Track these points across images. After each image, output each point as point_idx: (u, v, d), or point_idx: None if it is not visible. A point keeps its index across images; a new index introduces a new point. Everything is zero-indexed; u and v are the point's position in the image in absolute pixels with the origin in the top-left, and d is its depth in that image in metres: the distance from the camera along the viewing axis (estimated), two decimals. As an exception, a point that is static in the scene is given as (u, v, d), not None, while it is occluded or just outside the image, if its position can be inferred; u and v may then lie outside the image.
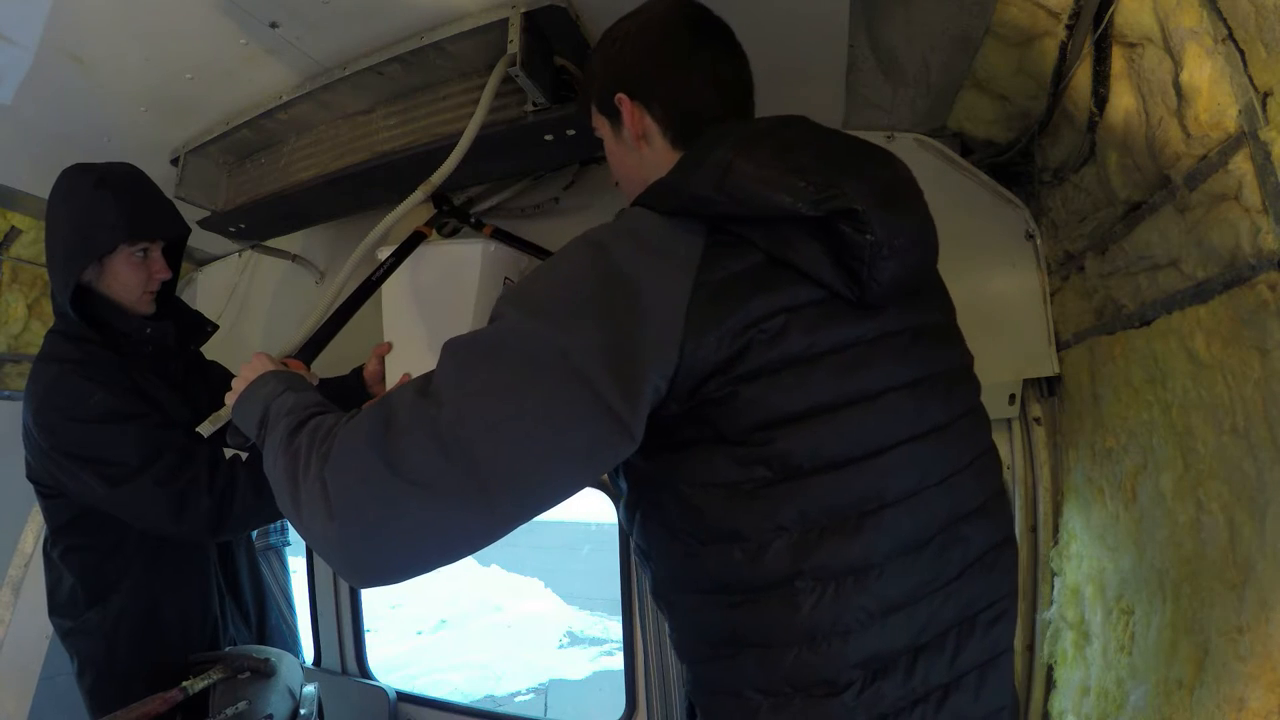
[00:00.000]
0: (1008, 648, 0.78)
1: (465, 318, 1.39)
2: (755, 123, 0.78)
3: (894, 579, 0.69)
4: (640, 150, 0.83)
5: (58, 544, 1.26)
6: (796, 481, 0.66)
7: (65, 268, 1.20)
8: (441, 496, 0.60)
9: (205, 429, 1.05)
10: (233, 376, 1.50)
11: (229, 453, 1.28)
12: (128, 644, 1.24)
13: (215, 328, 1.45)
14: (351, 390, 1.49)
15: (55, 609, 1.28)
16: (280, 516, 1.41)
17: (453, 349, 0.67)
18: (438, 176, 1.10)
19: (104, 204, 1.20)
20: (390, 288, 1.42)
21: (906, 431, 0.72)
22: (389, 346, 1.44)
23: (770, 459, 0.66)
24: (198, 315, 1.44)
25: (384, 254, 1.36)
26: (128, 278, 1.25)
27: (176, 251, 1.38)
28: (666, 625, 0.81)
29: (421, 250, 1.37)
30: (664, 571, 0.76)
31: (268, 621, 1.54)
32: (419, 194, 1.11)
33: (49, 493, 1.24)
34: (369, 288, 1.26)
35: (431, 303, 1.39)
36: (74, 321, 1.22)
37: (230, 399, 0.93)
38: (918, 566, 0.71)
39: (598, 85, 0.86)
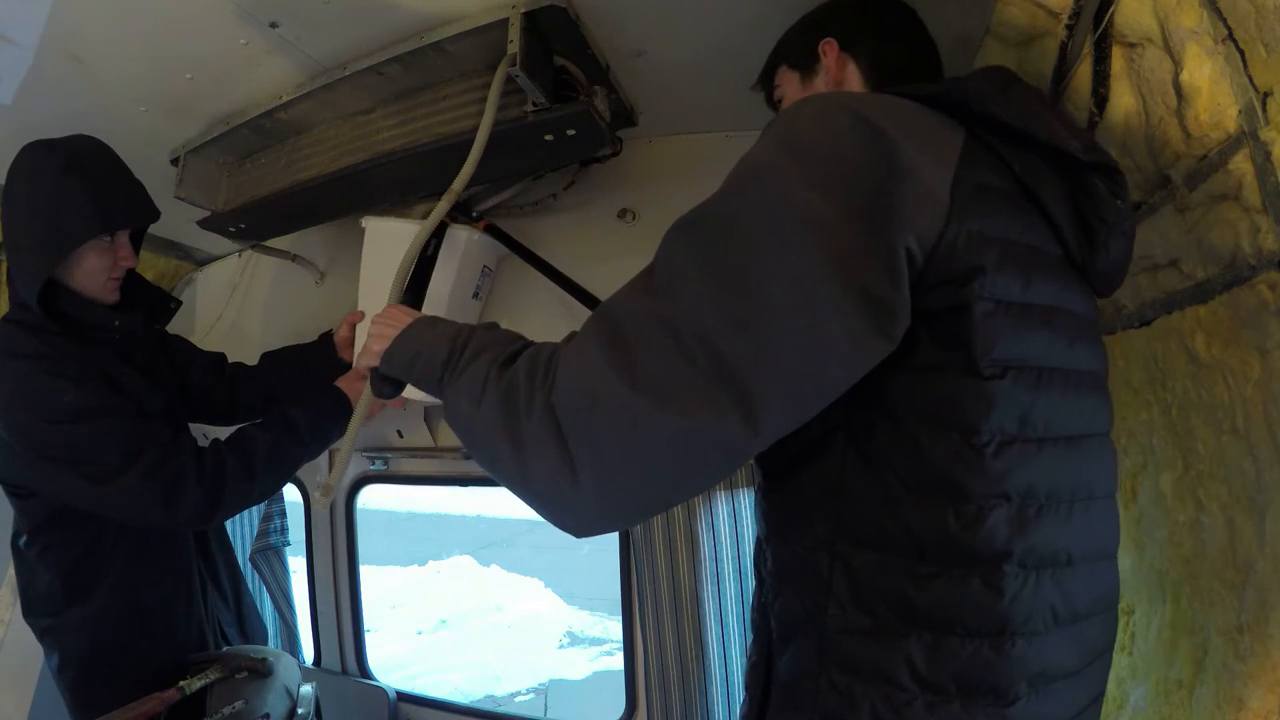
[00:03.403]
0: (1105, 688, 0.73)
1: (441, 297, 1.41)
2: None
3: (1083, 583, 0.63)
4: None
5: (34, 543, 1.22)
6: (1031, 444, 0.59)
7: (33, 261, 1.14)
8: (692, 412, 0.51)
9: (321, 504, 1.05)
10: (194, 347, 1.50)
11: (210, 434, 1.27)
12: (113, 638, 1.22)
13: (179, 304, 1.43)
14: (318, 352, 1.51)
15: (31, 608, 1.25)
16: (270, 494, 1.40)
17: (680, 229, 0.58)
18: (458, 184, 1.11)
19: (74, 193, 1.13)
20: (370, 264, 1.47)
21: (1101, 425, 0.68)
22: (362, 315, 1.47)
23: (1013, 407, 0.58)
24: (159, 292, 1.40)
25: (367, 223, 1.48)
26: (92, 265, 1.20)
27: (140, 232, 1.34)
28: (812, 584, 0.65)
29: (400, 227, 1.43)
30: (840, 518, 0.63)
31: (243, 601, 1.53)
32: (444, 203, 1.12)
33: (22, 493, 1.20)
34: (426, 263, 1.31)
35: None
36: (34, 312, 1.15)
37: (377, 345, 0.82)
38: (1098, 577, 0.66)
39: (794, 40, 0.91)
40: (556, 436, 0.55)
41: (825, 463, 0.63)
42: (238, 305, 2.07)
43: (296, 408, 1.32)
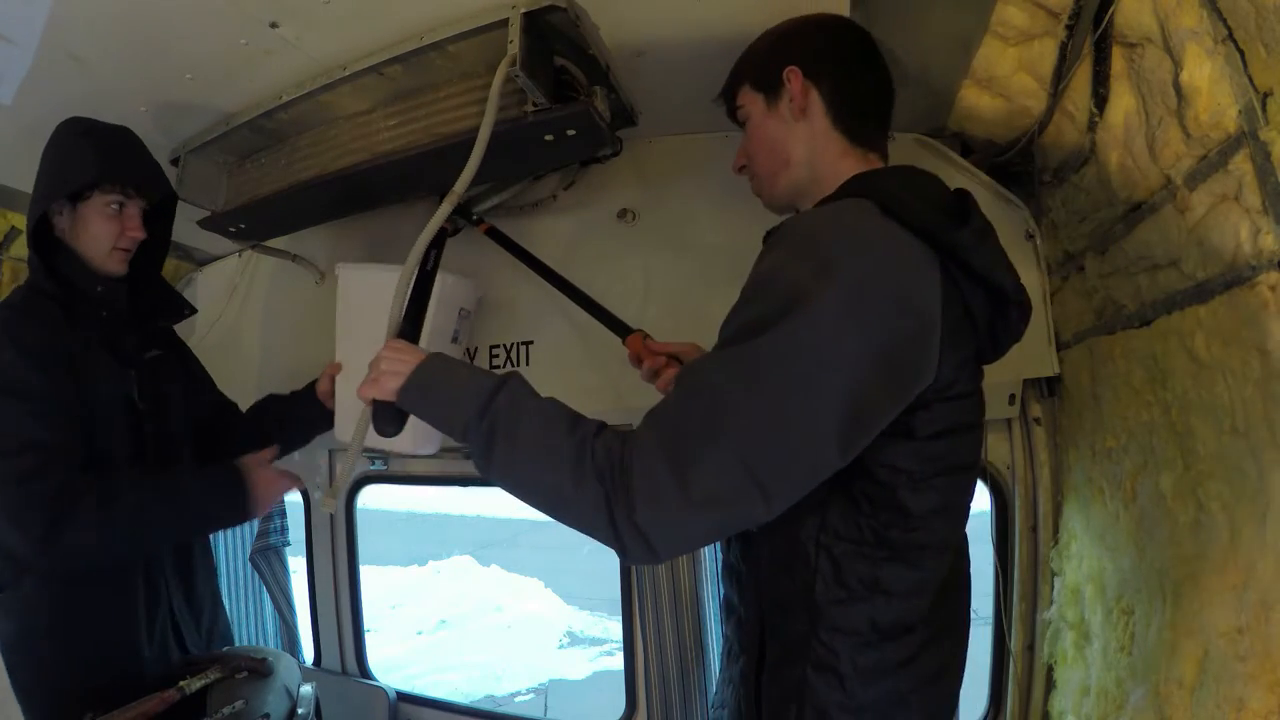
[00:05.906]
0: None
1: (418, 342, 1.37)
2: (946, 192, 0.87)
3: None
4: (796, 123, 0.89)
5: None
6: (940, 479, 0.80)
7: (35, 202, 1.20)
8: (731, 508, 0.70)
9: (328, 506, 0.98)
10: (213, 383, 1.48)
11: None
12: (47, 626, 1.14)
13: (193, 310, 1.41)
14: (305, 403, 1.49)
15: None
16: (121, 557, 1.20)
17: (729, 359, 0.72)
18: (460, 185, 1.08)
19: (82, 147, 1.20)
20: (344, 311, 1.47)
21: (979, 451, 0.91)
22: (339, 366, 1.45)
23: (936, 456, 0.79)
24: (176, 294, 1.39)
25: (340, 270, 1.47)
26: (97, 229, 1.22)
27: (165, 221, 1.35)
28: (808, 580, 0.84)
29: (375, 275, 1.41)
30: (825, 520, 0.81)
31: (218, 623, 1.41)
32: (446, 206, 1.07)
33: None
34: (426, 277, 1.26)
35: (383, 327, 1.34)
36: (39, 270, 1.19)
37: (392, 382, 0.86)
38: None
39: (758, 62, 0.94)
40: (645, 543, 0.71)
41: (815, 492, 0.81)
42: (238, 305, 2.07)
43: (196, 479, 1.24)
